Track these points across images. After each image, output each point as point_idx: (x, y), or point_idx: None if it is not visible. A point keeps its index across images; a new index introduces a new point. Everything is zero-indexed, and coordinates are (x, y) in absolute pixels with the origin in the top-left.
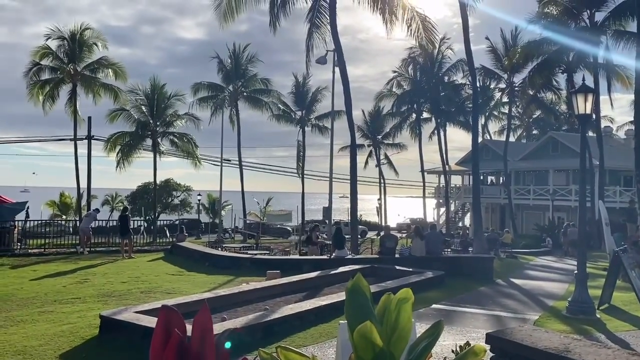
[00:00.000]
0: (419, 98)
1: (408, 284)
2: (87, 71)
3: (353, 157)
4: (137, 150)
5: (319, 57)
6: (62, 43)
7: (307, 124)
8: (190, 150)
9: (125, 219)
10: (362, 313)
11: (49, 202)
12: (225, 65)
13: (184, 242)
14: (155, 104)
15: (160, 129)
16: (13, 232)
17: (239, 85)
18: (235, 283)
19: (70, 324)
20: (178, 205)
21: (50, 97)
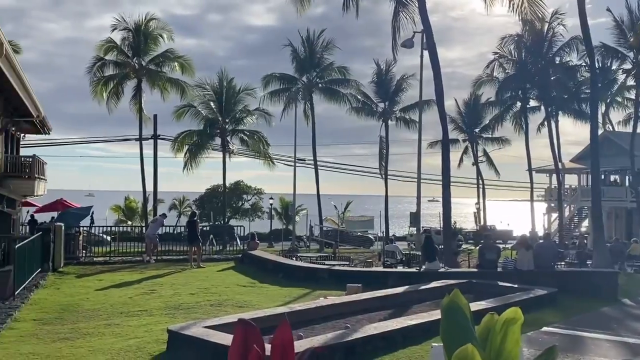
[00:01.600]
0: (524, 83)
1: (513, 302)
2: (152, 65)
3: (445, 154)
4: (205, 150)
5: (405, 40)
6: (126, 35)
7: (390, 117)
8: (262, 149)
9: (194, 225)
10: (462, 335)
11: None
12: (299, 53)
13: (257, 250)
14: (224, 100)
15: (230, 126)
16: (78, 238)
17: (313, 75)
18: (312, 297)
19: (137, 339)
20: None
21: (115, 94)
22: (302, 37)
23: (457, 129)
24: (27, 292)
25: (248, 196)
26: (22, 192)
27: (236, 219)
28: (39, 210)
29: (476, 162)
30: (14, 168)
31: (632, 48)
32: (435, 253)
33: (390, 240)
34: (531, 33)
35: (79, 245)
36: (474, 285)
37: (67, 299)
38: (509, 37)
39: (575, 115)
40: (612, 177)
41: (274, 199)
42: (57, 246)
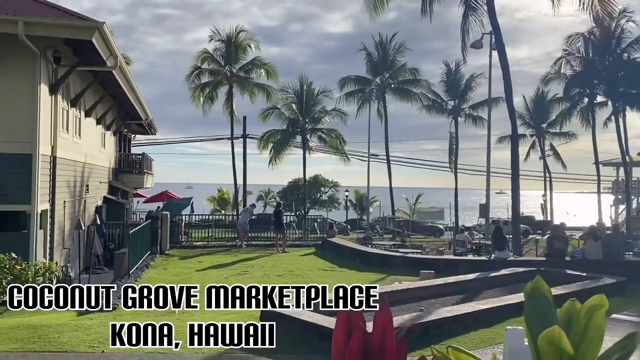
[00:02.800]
0: (592, 79)
1: (582, 290)
2: (241, 72)
3: (514, 148)
4: (287, 147)
5: (474, 42)
6: (219, 46)
7: (460, 114)
8: (338, 145)
9: (279, 214)
10: (545, 318)
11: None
12: (373, 57)
13: (334, 237)
14: (304, 101)
15: (309, 125)
16: (181, 225)
17: (386, 77)
18: (387, 282)
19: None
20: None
21: (210, 99)
22: (375, 42)
23: (525, 125)
24: (139, 271)
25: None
26: (134, 185)
27: (315, 209)
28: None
29: (543, 155)
30: (126, 164)
31: None
32: (505, 242)
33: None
34: (600, 30)
35: (182, 231)
36: (542, 273)
37: (173, 278)
38: (575, 35)
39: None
40: None
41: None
42: (163, 232)
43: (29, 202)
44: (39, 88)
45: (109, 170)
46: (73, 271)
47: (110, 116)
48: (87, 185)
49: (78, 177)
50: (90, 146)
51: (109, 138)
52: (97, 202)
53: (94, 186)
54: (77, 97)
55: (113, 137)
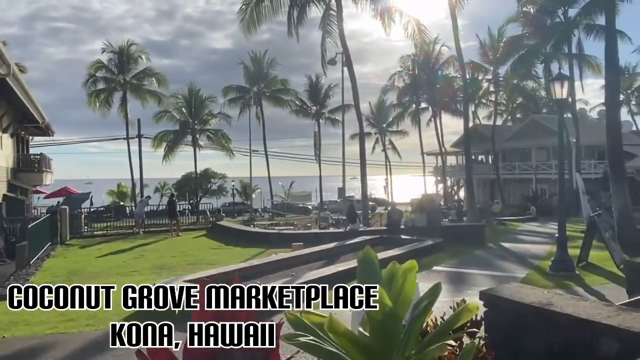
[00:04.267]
0: (417, 90)
1: (412, 250)
2: (134, 80)
3: (362, 143)
4: (179, 145)
5: (329, 59)
6: (112, 57)
7: (321, 117)
8: (224, 143)
9: (173, 204)
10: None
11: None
12: (250, 69)
13: (223, 221)
14: (193, 106)
15: (198, 126)
16: (81, 217)
17: (262, 86)
18: (266, 254)
19: None
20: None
21: (106, 103)
22: (251, 57)
23: (370, 125)
24: (40, 261)
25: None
26: (33, 183)
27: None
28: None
29: (384, 148)
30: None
31: (492, 63)
32: (356, 216)
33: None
34: (422, 53)
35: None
36: (384, 239)
37: (73, 265)
38: (406, 56)
39: (453, 112)
40: (480, 157)
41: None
42: (63, 224)
43: None
44: None
45: (7, 169)
46: None
47: (6, 120)
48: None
49: None
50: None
51: (6, 140)
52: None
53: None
54: None
55: (10, 139)
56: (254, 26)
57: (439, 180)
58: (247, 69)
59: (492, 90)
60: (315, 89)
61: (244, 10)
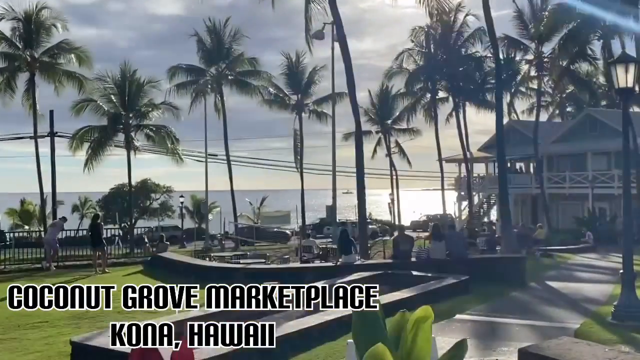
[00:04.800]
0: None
1: (426, 292)
2: (46, 57)
3: (359, 146)
4: (107, 147)
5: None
6: (16, 25)
7: (304, 110)
8: (169, 144)
9: (97, 228)
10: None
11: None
12: (206, 44)
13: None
14: (127, 93)
15: (134, 121)
16: None
17: (222, 67)
18: None
19: (37, 352)
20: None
21: (7, 88)
22: (207, 26)
23: (371, 121)
24: None
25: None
26: None
27: (144, 219)
28: None
29: (389, 153)
30: None
31: (534, 39)
32: (351, 245)
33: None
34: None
35: None
36: (389, 276)
37: None
38: (419, 29)
39: (481, 105)
40: (518, 165)
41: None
42: None
43: None
44: None
45: None
46: None
47: None
48: None
49: None
50: None
51: None
52: None
53: None
54: None
55: None
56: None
57: (463, 195)
58: (202, 44)
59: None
60: (296, 71)
61: None
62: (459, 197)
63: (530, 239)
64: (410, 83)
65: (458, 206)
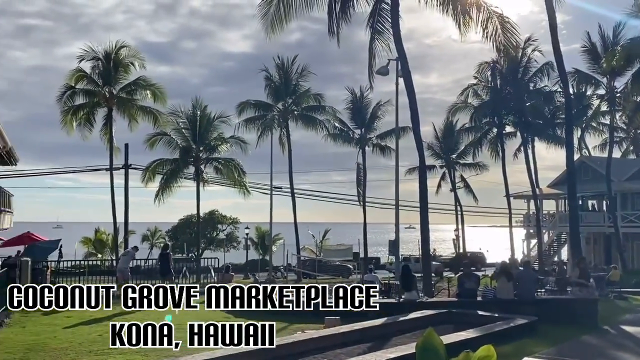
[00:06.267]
0: (500, 109)
1: (491, 333)
2: (123, 93)
3: (422, 180)
4: (178, 179)
5: (380, 68)
6: (96, 64)
7: (367, 144)
8: (237, 177)
9: (166, 258)
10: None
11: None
12: (274, 80)
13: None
14: (198, 127)
15: (204, 154)
16: (46, 273)
17: (289, 102)
18: (289, 331)
19: None
20: (224, 240)
21: (87, 122)
22: (277, 64)
23: (434, 155)
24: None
25: (223, 226)
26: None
27: (211, 249)
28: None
29: (454, 188)
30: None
31: (605, 74)
32: (413, 282)
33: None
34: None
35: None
36: (453, 315)
37: (32, 338)
38: (485, 64)
39: (551, 140)
40: (590, 202)
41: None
42: (22, 282)
43: None
44: None
45: None
46: None
47: None
48: None
49: None
50: None
51: None
52: None
53: None
54: None
55: None
56: (280, 23)
57: (532, 233)
58: (270, 80)
59: (606, 110)
60: (360, 106)
61: (267, 1)
62: (527, 235)
63: (604, 280)
64: (476, 117)
65: (527, 244)
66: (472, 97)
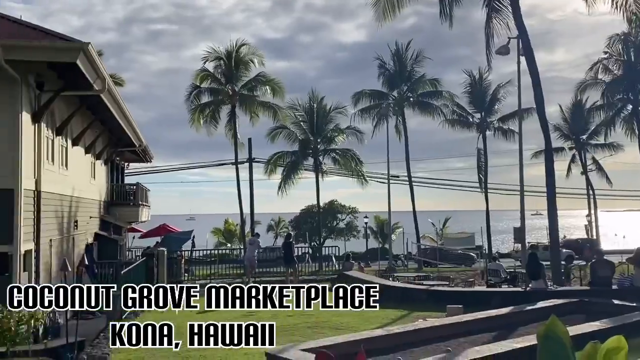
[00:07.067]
0: (635, 84)
1: (627, 324)
2: (244, 90)
3: (549, 163)
4: (298, 170)
5: (499, 47)
6: (219, 63)
7: (488, 128)
8: (354, 167)
9: (290, 246)
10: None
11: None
12: (388, 68)
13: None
14: (315, 120)
15: (322, 146)
16: (180, 262)
17: (404, 89)
18: (410, 319)
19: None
20: (344, 230)
21: (212, 119)
22: (391, 51)
23: (563, 137)
24: (133, 315)
25: (342, 215)
26: (128, 219)
27: (332, 238)
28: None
29: (585, 170)
30: (119, 196)
31: None
32: (540, 271)
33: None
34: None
35: (182, 269)
36: (585, 305)
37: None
38: (616, 36)
39: None
40: None
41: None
42: (160, 270)
43: (10, 242)
44: (21, 116)
45: (99, 203)
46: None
47: (100, 144)
48: (76, 221)
49: (65, 212)
50: (78, 178)
51: (100, 168)
52: (87, 240)
53: (83, 222)
54: (63, 125)
55: (104, 166)
56: (393, 10)
57: None
58: (384, 68)
59: None
60: (479, 89)
61: None
62: None
63: None
64: (608, 94)
65: None
66: (602, 72)
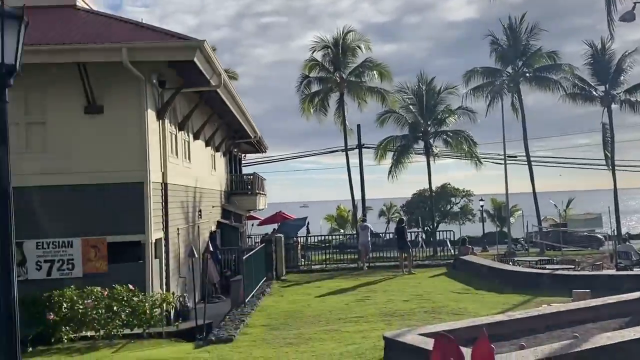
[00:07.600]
0: None
1: None
2: (352, 77)
3: None
4: (409, 154)
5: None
6: (326, 52)
7: (613, 101)
8: (467, 148)
9: (403, 231)
10: None
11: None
12: (501, 43)
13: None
14: (424, 102)
15: (432, 128)
16: (297, 247)
17: (519, 65)
18: (533, 304)
19: (355, 344)
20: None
21: (321, 108)
22: (504, 26)
23: None
24: (255, 299)
25: (456, 199)
26: (246, 207)
27: (446, 222)
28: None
29: None
30: (237, 186)
31: None
32: None
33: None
34: None
35: (298, 254)
36: None
37: (290, 306)
38: None
39: None
40: None
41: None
42: (278, 256)
43: (142, 231)
44: (147, 114)
45: (220, 193)
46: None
47: (218, 137)
48: (200, 210)
49: (190, 202)
50: (200, 169)
51: (219, 159)
52: (210, 227)
53: (206, 211)
54: (185, 120)
55: (223, 158)
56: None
57: None
58: (496, 44)
59: None
60: (602, 60)
61: None
62: None
63: None
64: None
65: None
66: None
